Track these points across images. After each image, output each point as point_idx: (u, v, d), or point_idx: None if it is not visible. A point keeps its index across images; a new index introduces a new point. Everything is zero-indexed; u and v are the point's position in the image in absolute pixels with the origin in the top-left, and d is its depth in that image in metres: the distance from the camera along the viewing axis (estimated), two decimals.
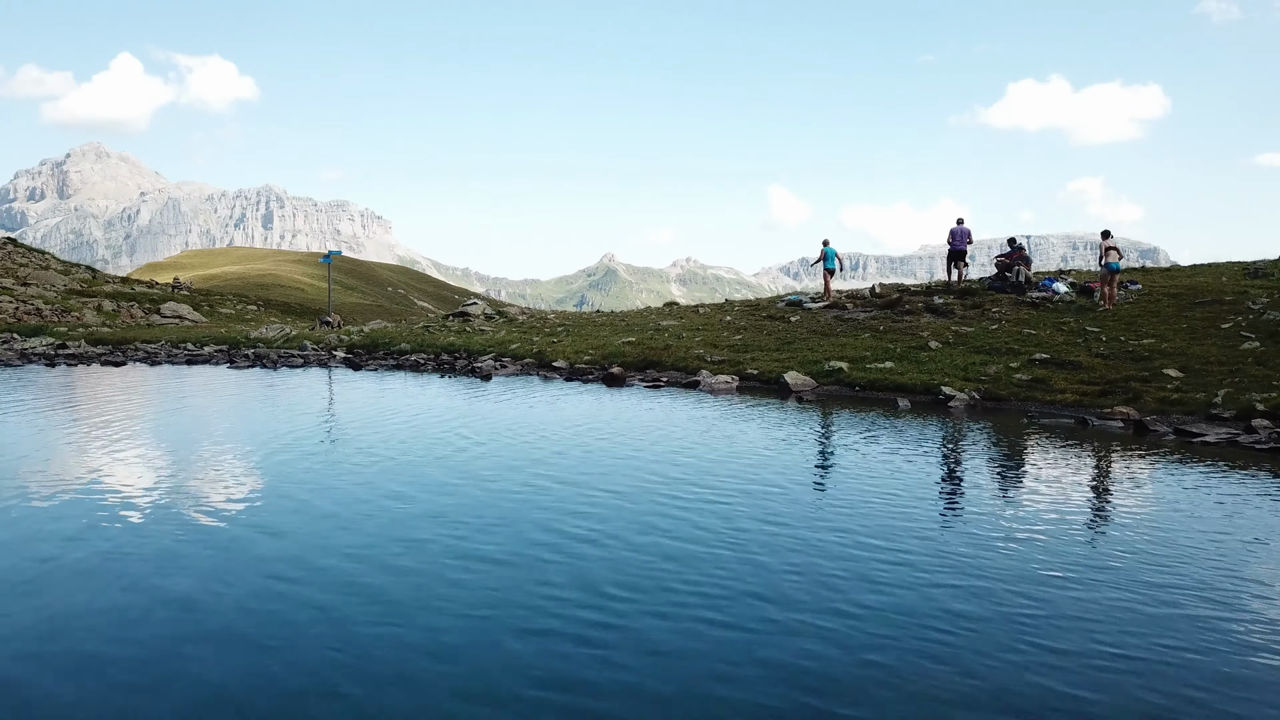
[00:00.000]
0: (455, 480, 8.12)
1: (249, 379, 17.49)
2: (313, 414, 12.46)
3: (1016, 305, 19.58)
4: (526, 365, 19.35)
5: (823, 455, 9.73)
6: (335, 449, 9.76)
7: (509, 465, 8.85)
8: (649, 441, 10.34)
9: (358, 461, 8.96)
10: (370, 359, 21.41)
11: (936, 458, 9.66)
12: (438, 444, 9.99)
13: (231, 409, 13.44)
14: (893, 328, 19.13)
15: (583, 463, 9.05)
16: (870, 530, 6.50)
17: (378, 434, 10.66)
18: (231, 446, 9.83)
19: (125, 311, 37.38)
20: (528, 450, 9.69)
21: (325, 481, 7.97)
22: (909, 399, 14.26)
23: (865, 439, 10.70)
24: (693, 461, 9.14)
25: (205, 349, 22.77)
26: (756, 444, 10.23)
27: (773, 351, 18.39)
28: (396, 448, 9.71)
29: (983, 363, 15.97)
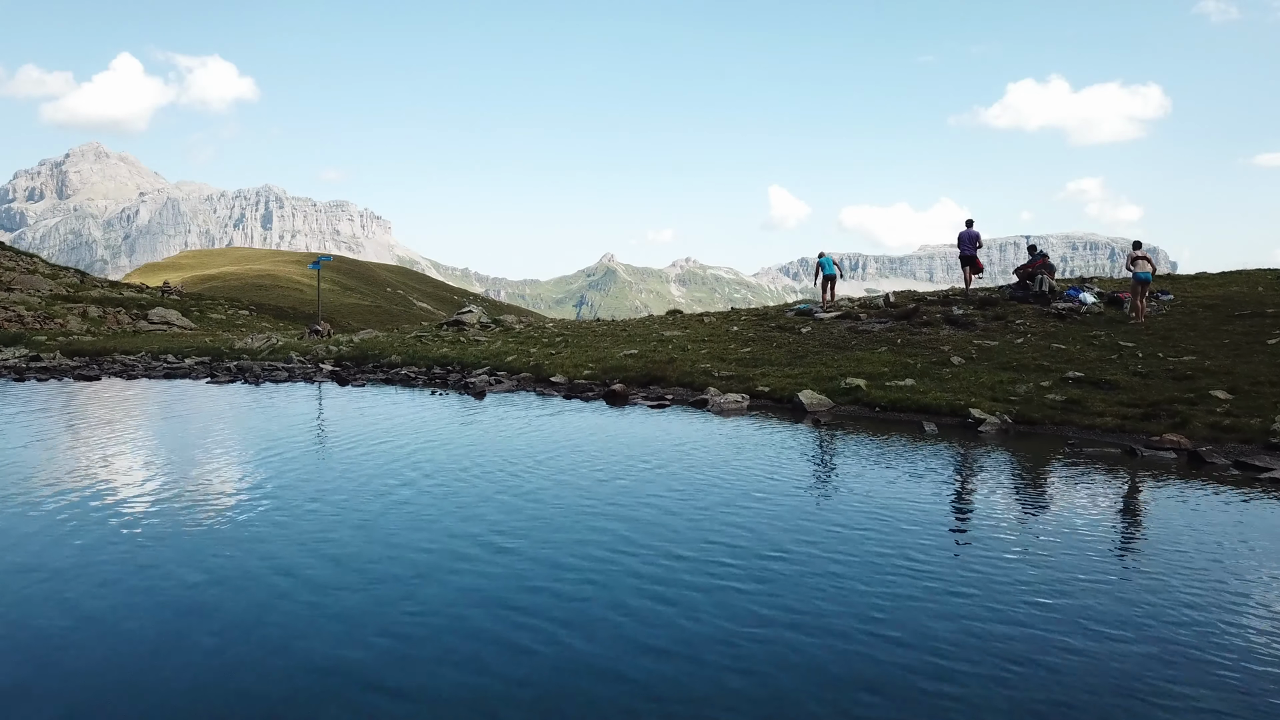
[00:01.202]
0: (427, 556, 7.06)
1: (225, 397, 16.42)
2: (277, 447, 11.35)
3: (1041, 317, 18.51)
4: (523, 380, 18.28)
5: (867, 499, 8.65)
6: (276, 510, 8.68)
7: (488, 535, 7.78)
8: (668, 494, 9.27)
9: (305, 529, 7.89)
10: (359, 372, 20.35)
11: (990, 502, 8.58)
12: (410, 496, 8.92)
13: (182, 442, 12.32)
14: (911, 340, 18.06)
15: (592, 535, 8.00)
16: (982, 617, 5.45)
17: (348, 477, 9.58)
18: (138, 513, 8.72)
19: (111, 318, 36.31)
20: (519, 511, 8.63)
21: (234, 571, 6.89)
22: (935, 422, 13.20)
23: (909, 476, 9.61)
24: (732, 527, 8.07)
25: (186, 361, 21.70)
26: (785, 484, 9.15)
27: (784, 366, 17.33)
28: (361, 504, 8.63)
29: (1011, 381, 14.91)
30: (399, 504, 8.08)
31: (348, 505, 8.00)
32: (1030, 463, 10.51)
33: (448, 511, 7.84)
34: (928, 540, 7.05)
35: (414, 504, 8.10)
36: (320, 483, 8.93)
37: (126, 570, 6.11)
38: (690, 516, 7.74)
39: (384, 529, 7.25)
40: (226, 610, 5.39)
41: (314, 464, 9.95)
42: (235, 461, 10.13)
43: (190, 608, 5.43)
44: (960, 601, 5.67)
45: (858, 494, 8.71)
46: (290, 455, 10.39)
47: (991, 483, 9.50)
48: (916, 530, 7.36)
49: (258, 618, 5.26)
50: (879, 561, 6.48)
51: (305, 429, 12.44)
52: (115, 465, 9.80)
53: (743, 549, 6.74)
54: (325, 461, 10.12)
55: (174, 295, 44.72)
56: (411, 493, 8.55)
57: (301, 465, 9.83)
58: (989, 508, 8.35)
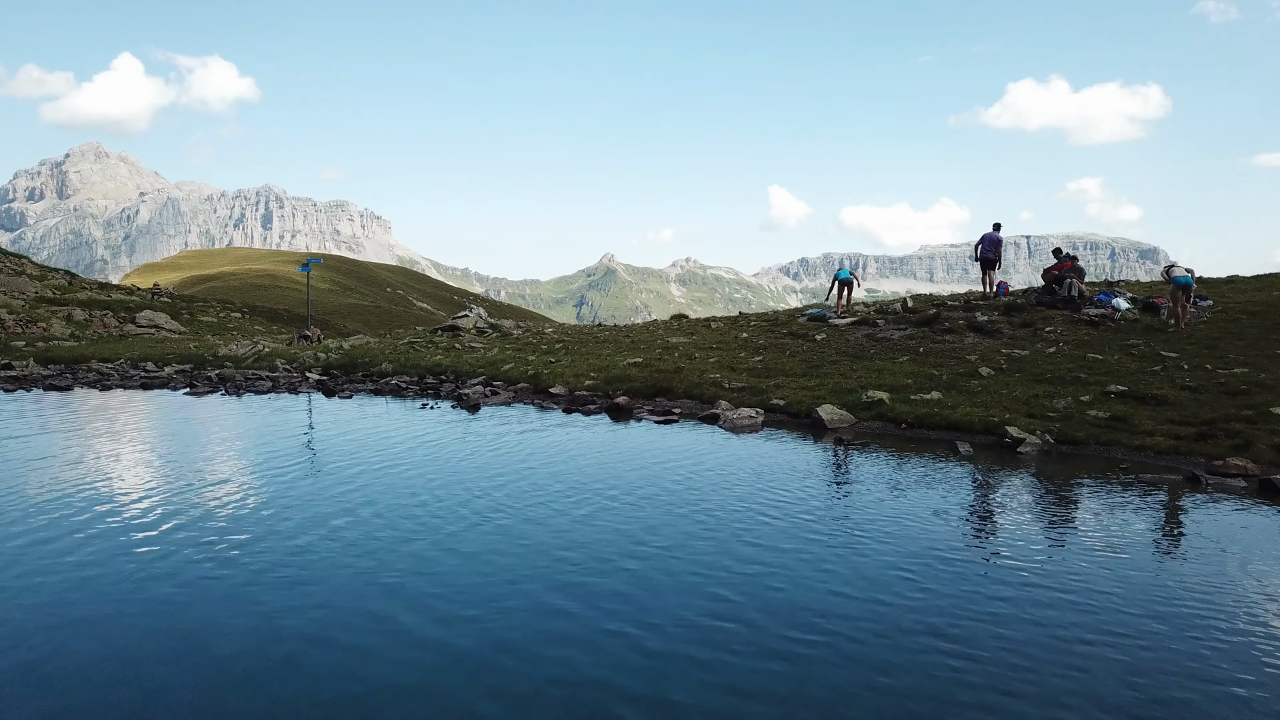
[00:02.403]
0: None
1: (196, 411, 15.29)
2: (210, 479, 10.20)
3: (1073, 324, 17.39)
4: (520, 391, 17.16)
5: (918, 544, 7.52)
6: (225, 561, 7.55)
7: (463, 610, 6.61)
8: (693, 542, 8.14)
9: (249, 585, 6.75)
10: (347, 382, 19.24)
11: (1062, 547, 7.44)
12: (372, 550, 7.79)
13: (136, 466, 11.21)
14: (934, 349, 16.94)
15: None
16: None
17: (288, 517, 8.45)
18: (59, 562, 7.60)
19: (98, 321, 35.20)
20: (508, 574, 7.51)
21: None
22: (968, 441, 12.09)
23: (958, 512, 8.48)
24: (779, 588, 6.95)
25: (166, 369, 20.58)
26: (822, 526, 8.03)
27: (799, 377, 16.21)
28: (316, 552, 7.51)
29: (1047, 395, 13.80)
30: (331, 569, 6.54)
31: (270, 564, 6.56)
32: (1087, 493, 9.38)
33: (395, 579, 6.31)
34: (1002, 601, 5.94)
35: (349, 569, 6.76)
36: (244, 526, 7.55)
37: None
38: (726, 568, 6.62)
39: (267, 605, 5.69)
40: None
41: (247, 502, 8.77)
42: (145, 497, 8.96)
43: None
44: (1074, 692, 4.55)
45: (906, 537, 7.59)
46: (220, 493, 9.18)
47: (1054, 519, 8.37)
48: (987, 588, 6.24)
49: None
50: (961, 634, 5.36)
51: (264, 453, 11.22)
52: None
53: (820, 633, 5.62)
54: (265, 498, 8.82)
55: (164, 297, 43.61)
56: (354, 553, 7.39)
57: (229, 504, 8.61)
58: (1061, 555, 7.22)
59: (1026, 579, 6.44)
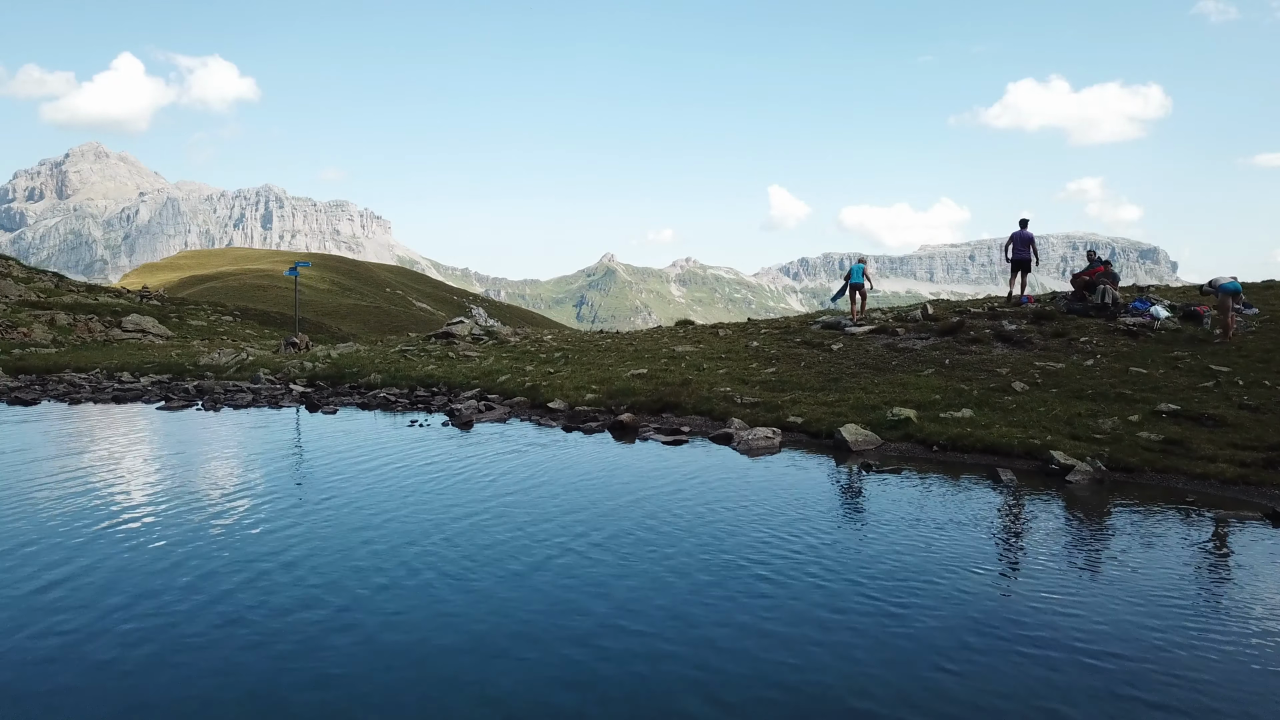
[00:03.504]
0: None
1: (166, 428, 14.14)
2: (156, 508, 9.07)
3: (1109, 334, 16.24)
4: (517, 406, 16.01)
5: (986, 603, 6.37)
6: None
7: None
8: (724, 605, 6.98)
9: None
10: (333, 394, 18.09)
11: (1149, 603, 6.28)
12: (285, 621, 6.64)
13: (53, 509, 10.06)
14: (960, 361, 15.80)
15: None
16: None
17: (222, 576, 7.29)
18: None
19: (82, 325, 34.07)
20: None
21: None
22: (1009, 467, 10.94)
23: (1027, 561, 7.34)
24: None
25: (142, 380, 19.45)
26: (860, 558, 6.88)
27: (816, 392, 15.06)
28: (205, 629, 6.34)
29: (1090, 414, 12.65)
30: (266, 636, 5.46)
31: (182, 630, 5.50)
32: (1164, 538, 8.18)
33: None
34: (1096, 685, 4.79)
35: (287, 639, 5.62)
36: (122, 584, 6.32)
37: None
38: (766, 637, 5.48)
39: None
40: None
41: (177, 549, 7.58)
42: (64, 532, 7.81)
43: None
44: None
45: (968, 603, 6.44)
46: (154, 536, 8.01)
47: (1131, 567, 7.20)
48: (1079, 679, 5.10)
49: None
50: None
51: (206, 484, 9.99)
52: None
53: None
54: (173, 541, 7.55)
55: (154, 300, 42.47)
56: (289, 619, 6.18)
57: (159, 551, 7.43)
58: (1149, 616, 6.08)
59: (1145, 673, 5.29)
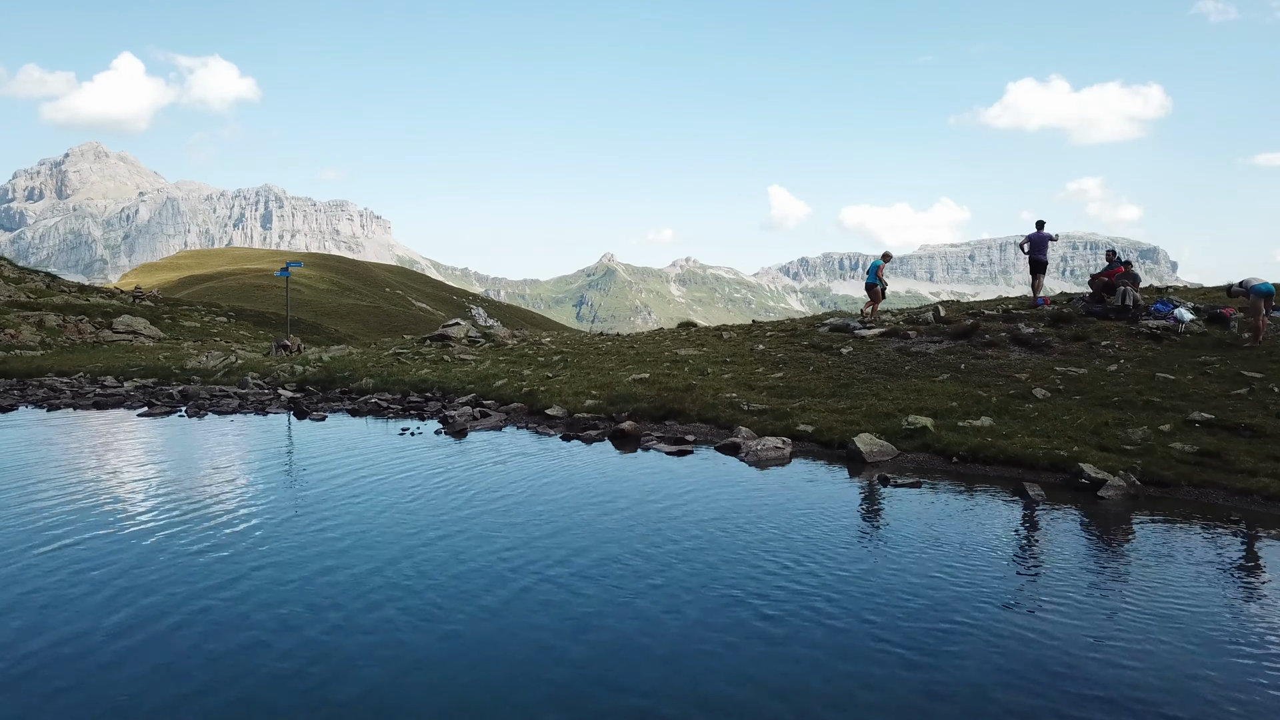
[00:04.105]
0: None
1: (142, 436, 13.48)
2: (96, 526, 8.40)
3: (1132, 337, 15.57)
4: (514, 412, 15.36)
5: (1040, 646, 5.71)
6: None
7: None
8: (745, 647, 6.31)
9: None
10: (323, 400, 17.44)
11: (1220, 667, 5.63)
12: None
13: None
14: (976, 366, 15.13)
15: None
16: None
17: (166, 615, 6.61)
18: None
19: (72, 326, 33.40)
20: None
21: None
22: (1036, 481, 10.28)
23: (1071, 593, 6.67)
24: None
25: (126, 384, 18.78)
26: (885, 590, 6.21)
27: (827, 398, 14.40)
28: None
29: (1118, 423, 11.98)
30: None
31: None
32: (1209, 558, 7.52)
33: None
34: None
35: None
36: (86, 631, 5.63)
37: None
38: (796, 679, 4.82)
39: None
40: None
41: (70, 570, 6.93)
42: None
43: None
44: None
45: (1001, 637, 5.78)
46: (91, 563, 7.30)
47: (1186, 602, 6.53)
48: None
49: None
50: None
51: (180, 496, 9.34)
52: None
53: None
54: (146, 571, 6.83)
55: (146, 301, 41.80)
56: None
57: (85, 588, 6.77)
58: (1211, 666, 5.42)
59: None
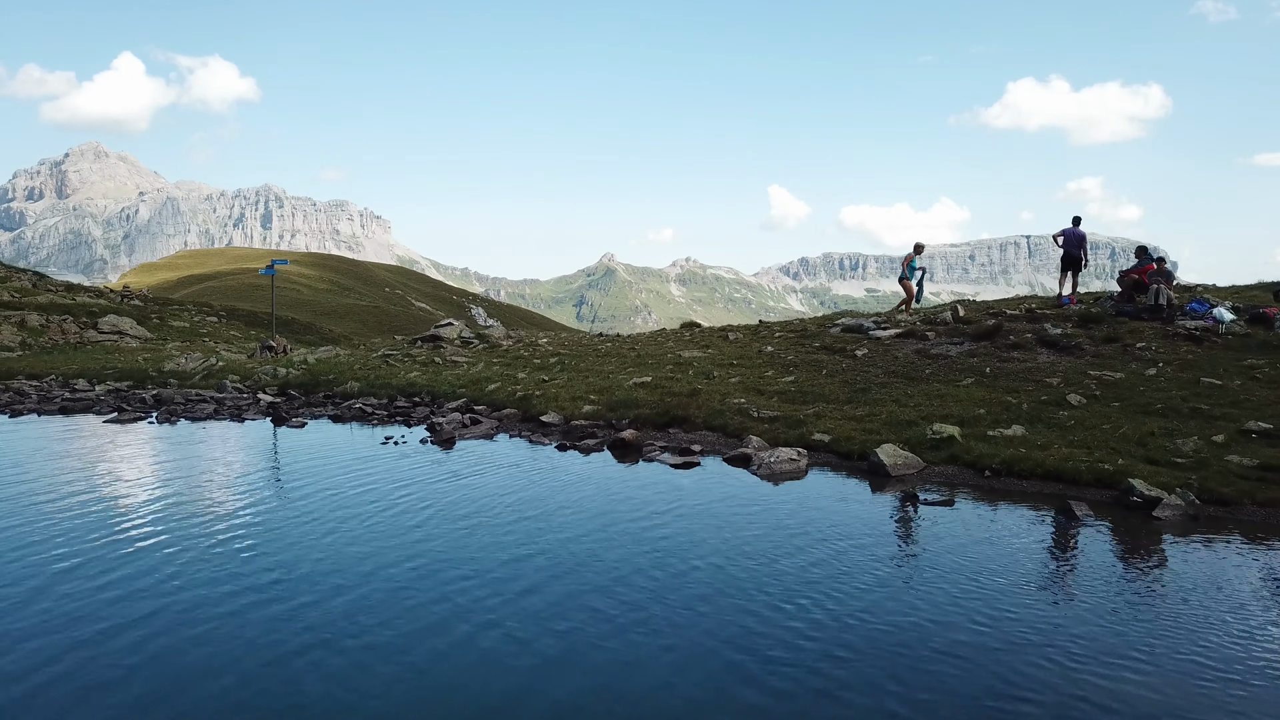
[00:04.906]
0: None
1: (93, 446, 12.45)
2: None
3: (1168, 339, 14.55)
4: (506, 419, 14.36)
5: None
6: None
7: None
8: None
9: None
10: (306, 405, 16.43)
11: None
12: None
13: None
14: (1003, 369, 14.11)
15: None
16: None
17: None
18: None
19: (55, 326, 32.40)
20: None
21: None
22: (1080, 498, 9.26)
23: (1163, 652, 5.66)
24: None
25: (98, 388, 17.77)
26: (933, 647, 5.21)
27: (843, 404, 13.38)
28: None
29: (1164, 432, 10.97)
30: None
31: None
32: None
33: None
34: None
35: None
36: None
37: None
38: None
39: None
40: None
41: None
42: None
43: None
44: None
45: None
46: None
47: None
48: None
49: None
50: None
51: (110, 516, 8.30)
52: None
53: None
54: (33, 611, 5.95)
55: (135, 301, 40.80)
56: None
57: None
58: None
59: None
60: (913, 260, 19.09)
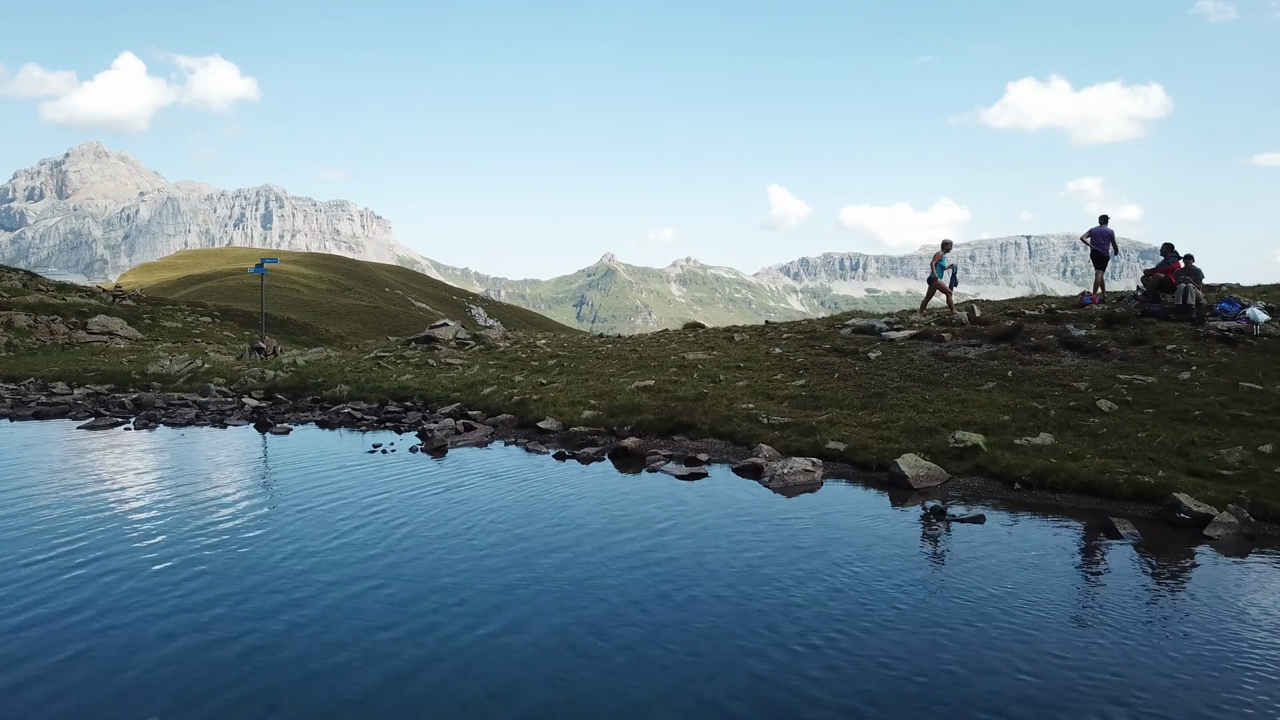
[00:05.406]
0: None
1: (57, 455, 11.72)
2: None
3: (1200, 340, 13.81)
4: (502, 425, 13.63)
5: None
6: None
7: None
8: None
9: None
10: (293, 409, 15.70)
11: None
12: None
13: None
14: (1026, 373, 13.37)
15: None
16: None
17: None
18: None
19: (44, 327, 31.69)
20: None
21: None
22: (1121, 513, 8.53)
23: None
24: None
25: (76, 391, 17.05)
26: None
27: (857, 410, 12.65)
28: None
29: (1206, 441, 10.23)
30: None
31: None
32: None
33: None
34: None
35: None
36: None
37: None
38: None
39: None
40: None
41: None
42: None
43: None
44: None
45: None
46: None
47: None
48: None
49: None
50: None
51: (42, 538, 7.62)
52: None
53: None
54: None
55: (127, 301, 40.08)
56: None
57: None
58: None
59: None
60: (941, 259, 18.28)
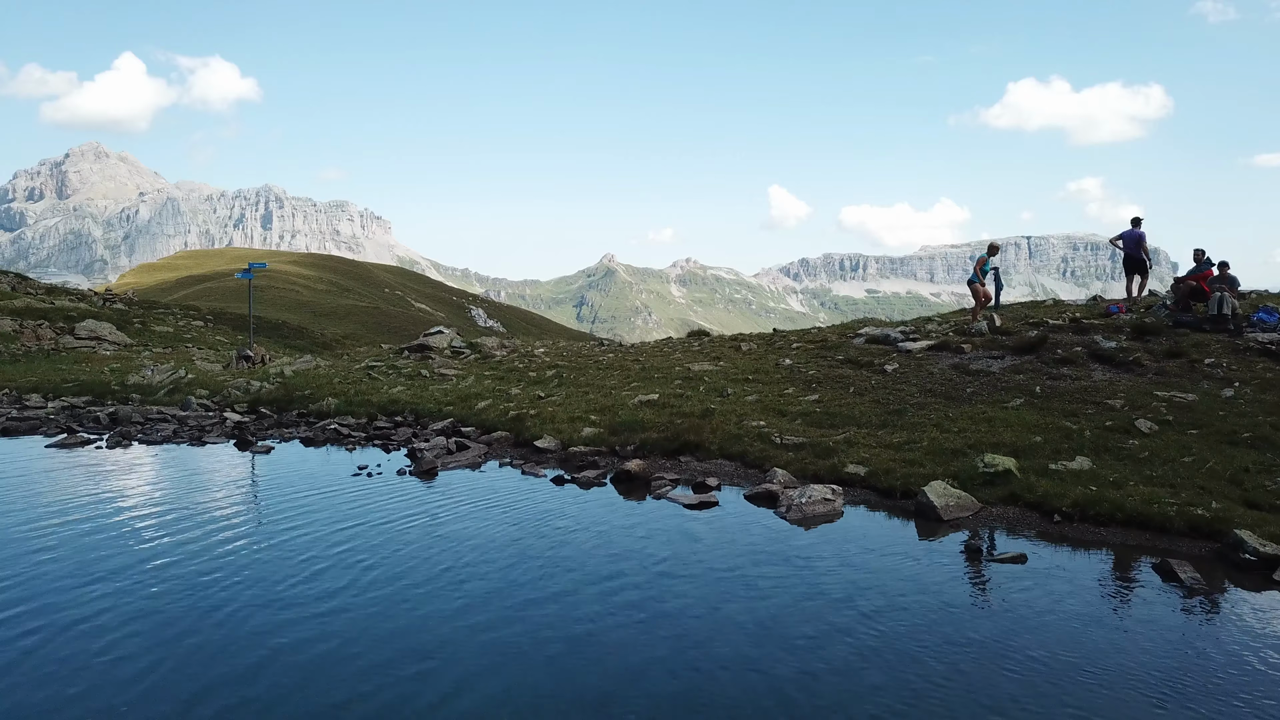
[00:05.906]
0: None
1: (13, 482, 10.92)
2: None
3: (1239, 353, 12.99)
4: (497, 443, 12.82)
5: None
6: None
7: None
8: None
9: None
10: (276, 424, 14.87)
11: None
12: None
13: None
14: (1055, 389, 12.55)
15: None
16: None
17: None
18: None
19: (29, 332, 30.85)
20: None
21: None
22: (1174, 551, 7.73)
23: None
24: None
25: (50, 404, 16.23)
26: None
27: (876, 429, 11.83)
28: None
29: (1260, 467, 9.44)
30: None
31: None
32: None
33: None
34: None
35: None
36: None
37: None
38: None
39: None
40: None
41: None
42: None
43: None
44: None
45: None
46: None
47: None
48: None
49: None
50: None
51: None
52: None
53: None
54: None
55: (118, 304, 39.27)
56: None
57: None
58: None
59: None
60: (986, 263, 17.11)
